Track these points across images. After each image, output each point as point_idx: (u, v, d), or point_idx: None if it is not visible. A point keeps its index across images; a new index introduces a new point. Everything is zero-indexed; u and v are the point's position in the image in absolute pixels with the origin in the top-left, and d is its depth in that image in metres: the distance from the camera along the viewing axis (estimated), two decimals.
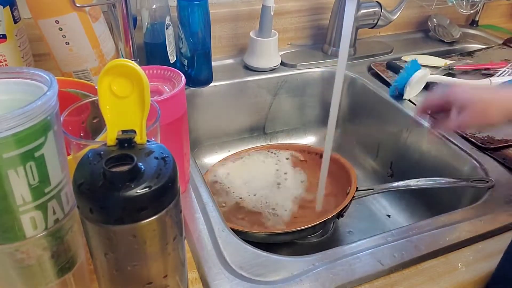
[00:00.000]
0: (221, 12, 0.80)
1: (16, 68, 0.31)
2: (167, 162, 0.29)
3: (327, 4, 0.88)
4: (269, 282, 0.41)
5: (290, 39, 0.90)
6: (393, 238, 0.46)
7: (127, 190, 0.27)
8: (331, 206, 0.63)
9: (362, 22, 0.84)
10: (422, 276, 0.42)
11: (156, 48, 0.70)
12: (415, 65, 0.72)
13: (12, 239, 0.30)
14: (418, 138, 0.69)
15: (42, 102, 0.27)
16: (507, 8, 1.13)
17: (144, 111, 0.29)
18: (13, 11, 0.56)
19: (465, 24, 1.07)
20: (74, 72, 0.61)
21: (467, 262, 0.44)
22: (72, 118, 0.38)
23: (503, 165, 0.58)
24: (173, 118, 0.46)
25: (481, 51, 0.92)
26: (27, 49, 0.60)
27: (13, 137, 0.26)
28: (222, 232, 0.47)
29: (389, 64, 0.83)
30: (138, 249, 0.29)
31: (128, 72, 0.28)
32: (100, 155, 0.29)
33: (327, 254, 0.44)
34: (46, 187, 0.30)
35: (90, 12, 0.58)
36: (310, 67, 0.83)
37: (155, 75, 0.49)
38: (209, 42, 0.69)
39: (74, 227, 0.34)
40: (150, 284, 0.32)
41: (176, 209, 0.30)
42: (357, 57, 0.87)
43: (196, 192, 0.53)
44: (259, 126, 0.85)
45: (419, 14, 1.01)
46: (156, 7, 0.67)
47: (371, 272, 0.42)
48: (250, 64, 0.80)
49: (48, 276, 0.33)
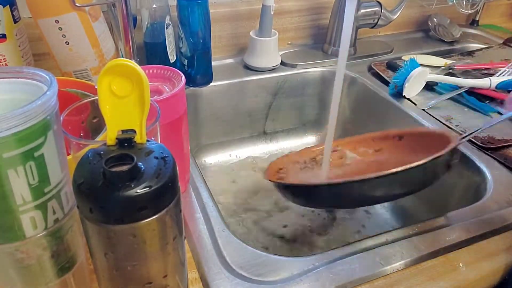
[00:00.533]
0: (221, 12, 0.80)
1: (16, 68, 0.31)
2: (167, 161, 0.29)
3: (327, 3, 0.88)
4: (269, 282, 0.41)
5: (290, 38, 0.90)
6: (393, 238, 0.46)
7: (127, 190, 0.27)
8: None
9: (362, 22, 0.84)
10: (422, 276, 0.42)
11: (156, 47, 0.70)
12: (413, 63, 0.73)
13: (12, 238, 0.30)
14: None
15: (42, 101, 0.27)
16: (507, 8, 1.13)
17: (144, 111, 0.29)
18: (13, 10, 0.56)
19: (465, 24, 1.07)
20: (74, 71, 0.61)
21: (467, 262, 0.44)
22: (72, 118, 0.38)
23: (503, 165, 0.58)
24: (173, 118, 0.46)
25: (482, 50, 0.92)
26: (27, 49, 0.60)
27: (13, 136, 0.26)
28: (222, 232, 0.47)
29: (389, 63, 0.83)
30: (138, 249, 0.29)
31: (128, 71, 0.28)
32: (100, 154, 0.29)
33: (327, 254, 0.44)
34: (46, 186, 0.30)
35: (90, 11, 0.58)
36: (310, 67, 0.83)
37: (155, 74, 0.49)
38: (209, 41, 0.69)
39: (74, 227, 0.34)
40: (150, 284, 0.32)
41: (176, 209, 0.30)
42: (357, 57, 0.87)
43: (196, 192, 0.53)
44: (259, 126, 0.84)
45: (419, 13, 1.01)
46: (156, 7, 0.67)
47: (371, 272, 0.42)
48: (250, 64, 0.80)
49: (48, 276, 0.33)
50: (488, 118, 0.68)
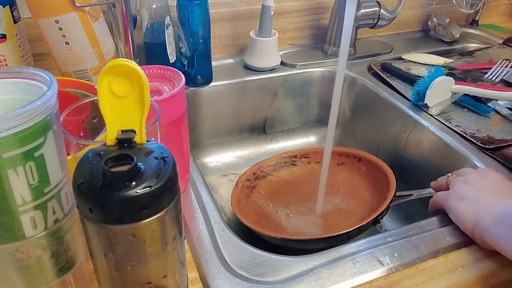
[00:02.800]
0: (221, 12, 0.80)
1: (16, 68, 0.31)
2: (167, 162, 0.29)
3: (327, 3, 0.88)
4: (269, 282, 0.41)
5: (290, 38, 0.90)
6: (393, 238, 0.46)
7: (127, 190, 0.27)
8: (367, 211, 0.61)
9: (362, 22, 0.84)
10: (422, 276, 0.42)
11: (156, 48, 0.70)
12: (438, 71, 0.70)
13: (12, 239, 0.30)
14: (418, 138, 0.69)
15: (42, 102, 0.27)
16: (507, 8, 1.13)
17: (144, 111, 0.29)
18: (12, 11, 0.56)
19: (465, 24, 1.07)
20: (74, 72, 0.61)
21: (467, 262, 0.44)
22: (71, 118, 0.38)
23: (503, 165, 0.58)
24: (173, 118, 0.46)
25: (481, 50, 0.92)
26: (27, 49, 0.60)
27: (13, 136, 0.26)
28: (222, 232, 0.47)
29: (384, 65, 0.83)
30: (138, 249, 0.29)
31: (128, 72, 0.28)
32: (100, 155, 0.29)
33: (327, 254, 0.44)
34: (46, 187, 0.30)
35: (90, 11, 0.58)
36: (310, 67, 0.83)
37: (155, 74, 0.49)
38: (209, 41, 0.69)
39: (74, 227, 0.34)
40: (150, 284, 0.32)
41: (176, 209, 0.30)
42: (357, 57, 0.87)
43: (196, 192, 0.53)
44: (259, 126, 0.85)
45: (419, 13, 1.01)
46: (156, 7, 0.67)
47: (371, 272, 0.42)
48: (250, 64, 0.80)
49: (48, 276, 0.33)
50: (486, 119, 0.68)
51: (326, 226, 0.62)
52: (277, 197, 0.68)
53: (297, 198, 0.68)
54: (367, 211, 0.62)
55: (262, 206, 0.66)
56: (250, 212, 0.65)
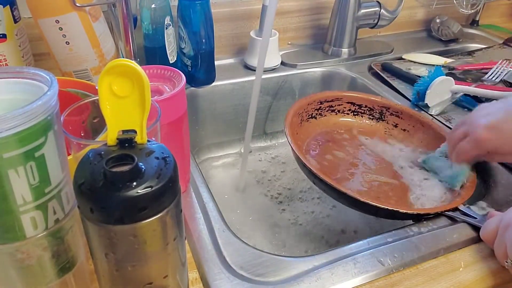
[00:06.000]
0: (221, 12, 0.80)
1: (16, 68, 0.31)
2: (168, 162, 0.29)
3: (327, 3, 0.88)
4: (269, 282, 0.41)
5: (290, 38, 0.90)
6: (393, 238, 0.46)
7: (128, 190, 0.27)
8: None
9: (363, 22, 0.84)
10: (422, 276, 0.42)
11: (155, 48, 0.70)
12: (438, 71, 0.70)
13: (13, 239, 0.30)
14: None
15: (42, 102, 0.27)
16: (508, 8, 1.13)
17: (145, 111, 0.29)
18: (13, 10, 0.56)
19: (465, 24, 1.07)
20: (74, 71, 0.61)
21: (467, 262, 0.44)
22: (72, 118, 0.38)
23: (503, 165, 0.58)
24: (173, 118, 0.46)
25: (482, 50, 0.92)
26: (27, 49, 0.60)
27: (13, 137, 0.26)
28: (222, 232, 0.47)
29: (384, 65, 0.83)
30: (139, 249, 0.29)
31: (128, 71, 0.28)
32: (101, 155, 0.29)
33: (327, 254, 0.44)
34: (47, 187, 0.30)
35: (90, 11, 0.58)
36: (310, 67, 0.83)
37: (155, 74, 0.49)
38: (212, 41, 0.69)
39: (75, 227, 0.34)
40: (151, 284, 0.32)
41: (176, 209, 0.30)
42: (358, 57, 0.87)
43: (196, 192, 0.53)
44: (259, 126, 0.84)
45: (420, 14, 1.01)
46: (156, 7, 0.67)
47: (371, 272, 0.42)
48: (250, 64, 0.80)
49: (49, 276, 0.33)
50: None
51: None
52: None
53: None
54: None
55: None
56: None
